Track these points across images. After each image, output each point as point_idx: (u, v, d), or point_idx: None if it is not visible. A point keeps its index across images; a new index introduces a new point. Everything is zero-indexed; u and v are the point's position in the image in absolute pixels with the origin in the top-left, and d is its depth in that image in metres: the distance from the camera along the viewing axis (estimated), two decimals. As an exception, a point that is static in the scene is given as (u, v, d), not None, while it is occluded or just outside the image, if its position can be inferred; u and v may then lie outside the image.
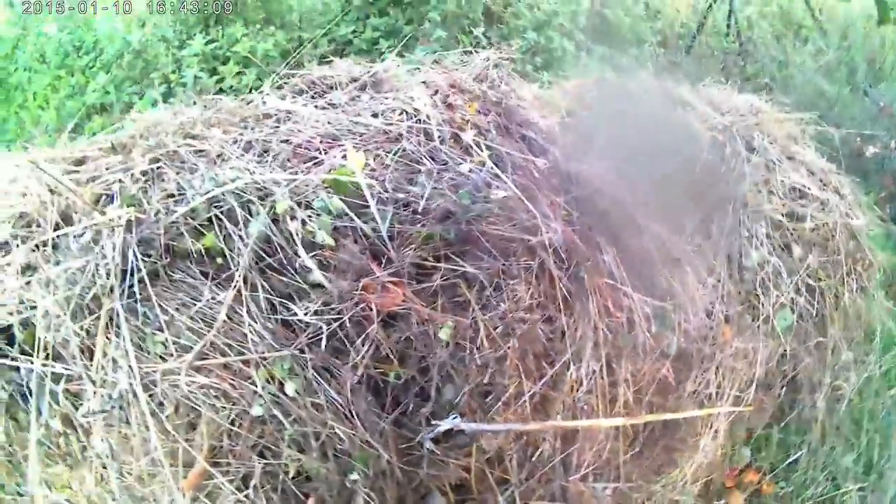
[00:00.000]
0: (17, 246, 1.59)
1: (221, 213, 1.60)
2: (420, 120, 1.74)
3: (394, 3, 2.86)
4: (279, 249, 1.54)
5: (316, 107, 1.88)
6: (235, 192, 1.60)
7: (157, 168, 1.92)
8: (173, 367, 1.46)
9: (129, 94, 2.89)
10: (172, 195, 1.70)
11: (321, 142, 1.69)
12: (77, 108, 2.94)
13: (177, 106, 2.39)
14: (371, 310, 1.49)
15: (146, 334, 1.51)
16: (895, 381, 2.61)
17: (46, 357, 1.48)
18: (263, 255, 1.55)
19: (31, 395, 1.49)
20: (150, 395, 1.46)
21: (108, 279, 1.54)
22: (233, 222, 1.58)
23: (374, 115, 1.79)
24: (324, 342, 1.47)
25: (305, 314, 1.47)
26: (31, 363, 1.47)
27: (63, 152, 2.31)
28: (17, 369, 1.49)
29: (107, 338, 1.50)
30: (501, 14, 2.73)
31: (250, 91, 2.74)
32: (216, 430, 1.46)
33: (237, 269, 1.52)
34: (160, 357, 1.50)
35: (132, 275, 1.54)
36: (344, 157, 1.65)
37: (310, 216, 1.54)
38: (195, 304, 1.53)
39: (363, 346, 1.50)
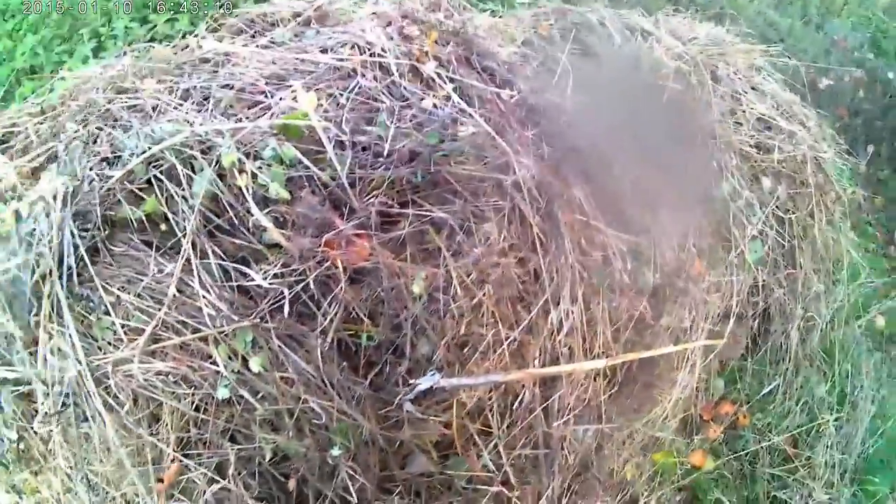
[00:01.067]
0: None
1: (161, 173, 1.44)
2: (374, 54, 1.59)
3: None
4: (228, 208, 1.39)
5: (257, 46, 1.71)
6: (175, 149, 1.45)
7: (88, 129, 1.75)
8: (125, 356, 1.32)
9: (59, 54, 2.66)
10: (106, 158, 1.53)
11: (266, 84, 1.53)
12: (6, 73, 2.71)
13: (106, 60, 2.19)
14: (337, 268, 1.37)
15: (92, 320, 1.38)
16: (863, 312, 2.64)
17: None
18: (212, 216, 1.40)
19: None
20: (105, 389, 1.33)
21: (45, 262, 1.38)
22: (175, 182, 1.43)
23: (323, 52, 1.64)
24: (286, 308, 1.34)
25: (264, 279, 1.34)
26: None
27: None
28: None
29: (49, 330, 1.37)
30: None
31: (183, 37, 2.54)
32: (181, 420, 1.35)
33: (184, 235, 1.38)
34: (110, 344, 1.37)
35: (70, 255, 1.39)
36: (294, 98, 1.50)
37: (260, 168, 1.40)
38: (141, 280, 1.39)
39: (331, 308, 1.38)
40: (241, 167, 1.39)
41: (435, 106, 1.51)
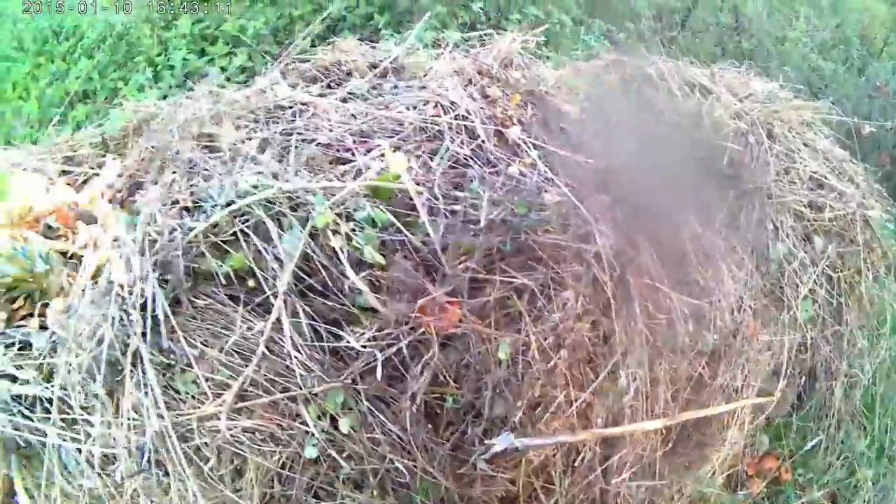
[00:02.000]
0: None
1: (248, 226, 1.45)
2: (460, 116, 1.62)
3: None
4: (321, 268, 1.41)
5: (337, 98, 1.74)
6: (263, 203, 1.46)
7: (165, 174, 1.76)
8: (211, 412, 1.34)
9: (114, 80, 2.67)
10: (187, 208, 1.55)
11: (354, 141, 1.55)
12: (59, 96, 2.73)
13: (176, 98, 2.20)
14: (429, 333, 1.39)
15: (175, 373, 1.39)
16: (903, 366, 2.66)
17: (73, 422, 1.36)
18: (302, 275, 1.41)
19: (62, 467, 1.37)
20: (188, 444, 1.34)
21: (128, 316, 1.39)
22: (262, 238, 1.44)
23: (407, 108, 1.66)
24: (379, 371, 1.36)
25: (358, 342, 1.35)
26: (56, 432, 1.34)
27: (52, 149, 2.13)
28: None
29: (132, 383, 1.37)
30: (499, -14, 2.60)
31: (242, 72, 2.56)
32: (265, 476, 1.36)
33: (274, 293, 1.39)
34: (193, 398, 1.38)
35: (153, 306, 1.39)
36: (382, 158, 1.53)
37: (353, 229, 1.41)
38: (227, 335, 1.40)
39: (421, 372, 1.40)
40: (335, 228, 1.41)
41: (521, 174, 1.54)
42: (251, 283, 1.43)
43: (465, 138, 1.58)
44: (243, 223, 1.46)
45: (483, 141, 1.58)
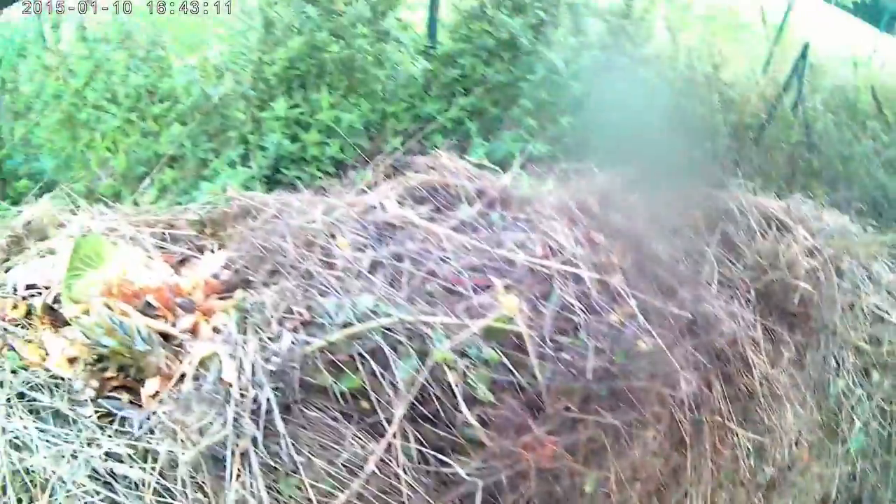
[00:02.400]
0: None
1: (364, 349, 1.56)
2: (567, 261, 1.78)
3: (481, 84, 2.83)
4: (434, 399, 1.55)
5: (448, 226, 1.90)
6: (381, 329, 1.58)
7: (274, 277, 1.87)
8: None
9: (205, 150, 2.78)
10: (305, 322, 1.65)
11: (468, 276, 1.72)
12: (147, 156, 2.83)
13: (278, 192, 2.31)
14: (527, 466, 1.54)
15: (279, 476, 1.46)
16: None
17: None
18: (416, 402, 1.54)
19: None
20: None
21: (239, 417, 1.48)
22: (378, 362, 1.55)
23: (518, 246, 1.82)
24: (478, 498, 1.49)
25: (463, 470, 1.50)
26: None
27: (147, 218, 2.27)
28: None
29: (238, 482, 1.43)
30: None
31: (334, 163, 2.68)
32: None
33: (387, 417, 1.50)
34: (296, 502, 1.47)
35: (265, 411, 1.49)
36: (495, 298, 1.69)
37: (467, 366, 1.57)
38: (336, 449, 1.49)
39: (515, 500, 1.55)
40: (452, 364, 1.56)
41: (622, 323, 1.69)
42: (365, 404, 1.55)
43: (571, 285, 1.73)
44: (360, 346, 1.57)
45: (588, 288, 1.73)
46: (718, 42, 3.59)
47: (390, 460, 1.52)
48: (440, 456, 1.55)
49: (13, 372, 1.67)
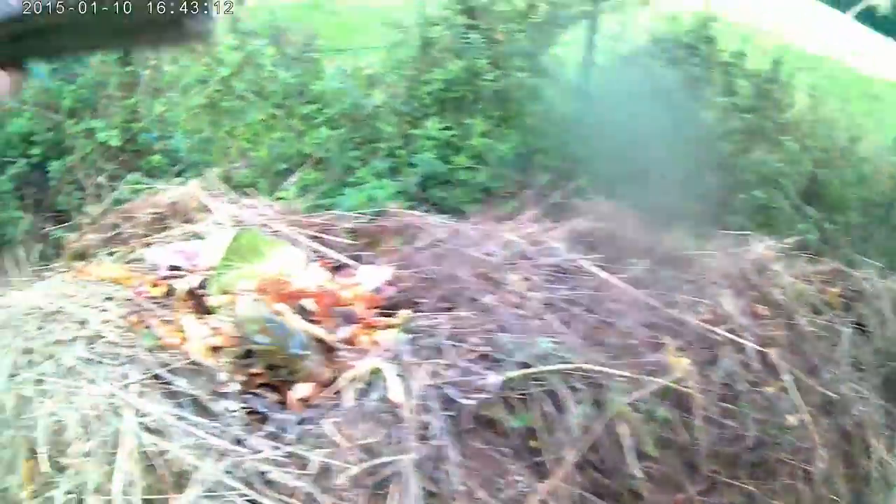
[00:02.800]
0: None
1: (541, 391, 1.63)
2: (733, 329, 1.87)
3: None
4: (601, 447, 1.64)
5: (620, 278, 2.00)
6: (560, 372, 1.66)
7: (445, 302, 1.89)
8: None
9: (351, 158, 2.89)
10: (483, 356, 1.67)
11: (648, 336, 1.81)
12: (290, 153, 2.93)
13: (442, 215, 2.40)
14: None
15: (436, 500, 1.41)
16: None
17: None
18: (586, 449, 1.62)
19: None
20: None
21: (403, 440, 1.45)
22: (554, 405, 1.61)
23: (688, 308, 1.91)
24: None
25: None
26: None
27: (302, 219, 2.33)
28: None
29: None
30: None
31: (482, 191, 2.77)
32: None
33: (556, 458, 1.56)
34: None
35: (431, 436, 1.46)
36: (667, 358, 1.78)
37: (640, 420, 1.67)
38: (498, 483, 1.50)
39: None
40: (628, 417, 1.66)
41: (777, 396, 1.78)
42: (534, 443, 1.61)
43: (733, 355, 1.83)
44: (537, 386, 1.64)
45: (749, 358, 1.83)
46: (857, 116, 3.60)
47: (550, 500, 1.55)
48: (600, 502, 1.63)
49: (149, 350, 1.65)
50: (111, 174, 2.98)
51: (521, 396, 1.64)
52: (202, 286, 1.88)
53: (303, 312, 1.74)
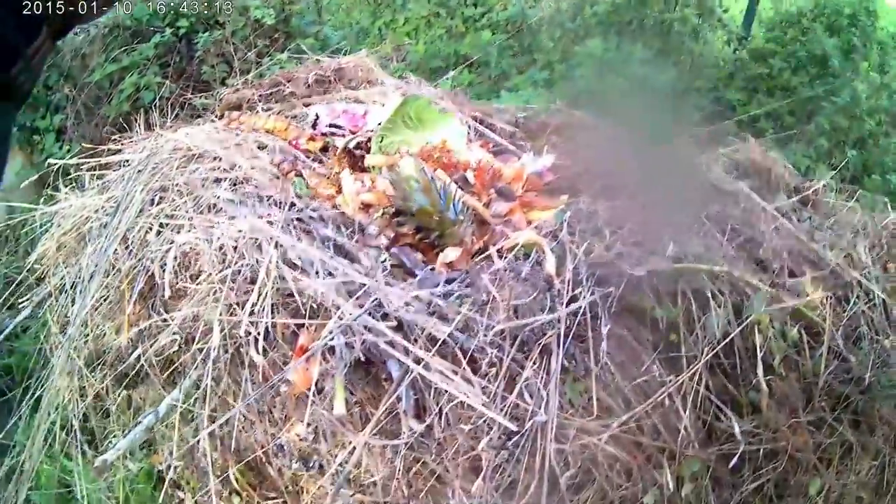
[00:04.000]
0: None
1: (690, 288, 1.64)
2: (865, 276, 1.92)
3: (784, 90, 2.84)
4: (735, 353, 1.65)
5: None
6: (708, 273, 1.65)
7: (601, 191, 1.82)
8: (592, 429, 1.41)
9: (510, 64, 2.84)
10: (637, 243, 1.63)
11: (790, 262, 1.85)
12: (447, 52, 2.88)
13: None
14: (783, 448, 1.68)
15: (566, 379, 1.44)
16: None
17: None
18: (718, 352, 1.60)
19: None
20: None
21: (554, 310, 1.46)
22: (698, 304, 1.61)
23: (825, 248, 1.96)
24: (734, 461, 1.58)
25: (739, 429, 1.58)
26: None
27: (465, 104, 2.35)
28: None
29: (530, 370, 1.41)
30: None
31: None
32: (600, 501, 1.46)
33: (690, 355, 1.57)
34: (572, 405, 1.44)
35: (581, 316, 1.46)
36: (804, 286, 1.83)
37: (773, 335, 1.73)
38: (632, 370, 1.51)
39: (754, 472, 1.68)
40: (763, 329, 1.71)
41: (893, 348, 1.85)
42: (674, 337, 1.61)
43: (863, 297, 1.88)
44: (685, 282, 1.63)
45: (876, 306, 1.89)
46: None
47: (675, 397, 1.55)
48: (723, 407, 1.63)
49: (297, 196, 1.68)
50: (260, 51, 2.98)
51: (669, 290, 1.64)
52: (359, 147, 1.91)
53: (463, 183, 1.77)
